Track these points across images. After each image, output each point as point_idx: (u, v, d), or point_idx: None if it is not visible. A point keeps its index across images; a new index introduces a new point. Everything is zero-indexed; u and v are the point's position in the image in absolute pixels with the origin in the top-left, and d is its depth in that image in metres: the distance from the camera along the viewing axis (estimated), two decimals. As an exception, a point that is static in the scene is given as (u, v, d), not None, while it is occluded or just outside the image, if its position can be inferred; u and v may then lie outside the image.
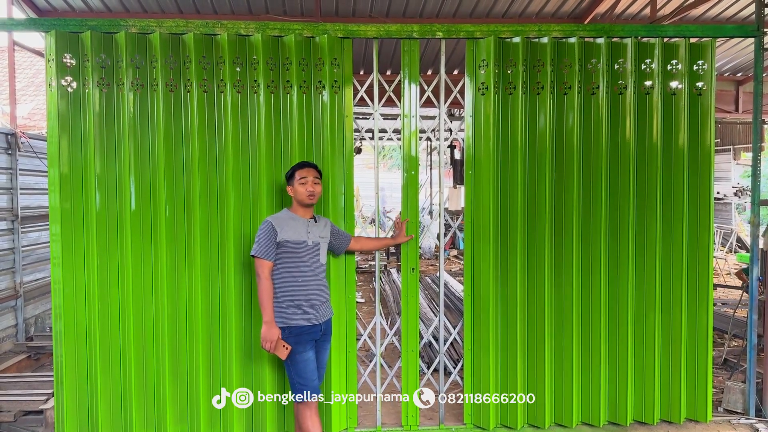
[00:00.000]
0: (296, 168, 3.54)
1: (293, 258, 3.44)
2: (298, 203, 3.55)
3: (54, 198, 3.79)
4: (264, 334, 3.35)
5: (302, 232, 3.48)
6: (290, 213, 3.55)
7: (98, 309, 3.83)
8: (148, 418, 3.93)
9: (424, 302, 7.56)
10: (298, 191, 3.51)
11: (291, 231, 3.44)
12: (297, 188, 3.51)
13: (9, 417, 4.18)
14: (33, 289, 6.57)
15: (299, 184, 3.51)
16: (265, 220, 3.47)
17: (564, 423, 4.12)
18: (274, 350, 3.34)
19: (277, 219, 3.47)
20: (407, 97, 4.03)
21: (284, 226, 3.44)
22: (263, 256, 3.37)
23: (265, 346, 3.35)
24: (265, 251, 3.38)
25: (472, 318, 4.10)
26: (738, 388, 4.36)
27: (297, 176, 3.51)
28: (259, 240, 3.40)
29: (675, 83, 4.08)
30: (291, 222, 3.48)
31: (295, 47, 3.86)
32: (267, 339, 3.34)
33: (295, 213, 3.55)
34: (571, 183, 4.03)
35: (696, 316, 4.13)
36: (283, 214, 3.54)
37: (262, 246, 3.38)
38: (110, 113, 3.83)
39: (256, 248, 3.39)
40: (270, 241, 3.39)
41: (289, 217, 3.51)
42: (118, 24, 3.80)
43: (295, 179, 3.51)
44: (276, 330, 3.35)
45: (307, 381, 3.42)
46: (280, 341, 3.36)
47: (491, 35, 3.95)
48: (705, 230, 4.10)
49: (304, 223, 3.52)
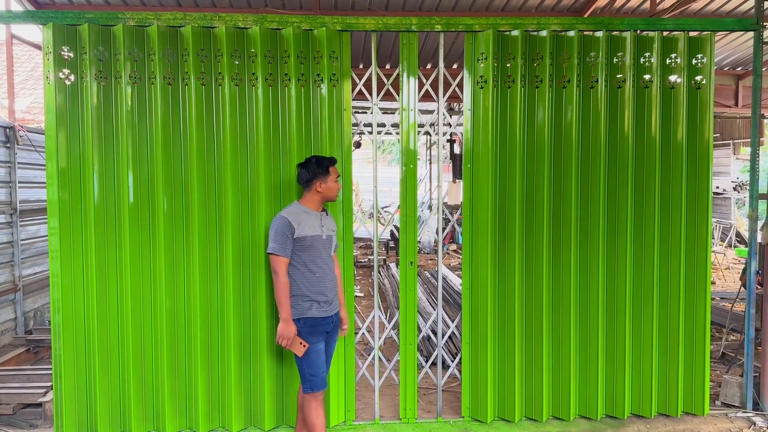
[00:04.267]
0: (330, 163, 3.48)
1: (311, 253, 3.42)
2: (322, 199, 3.50)
3: (52, 191, 3.79)
4: (282, 331, 3.34)
5: (317, 226, 3.46)
6: (303, 207, 3.48)
7: (97, 302, 3.83)
8: (147, 411, 3.94)
9: (422, 296, 7.57)
10: (331, 188, 3.48)
11: (307, 226, 3.41)
12: (331, 185, 3.47)
13: (8, 410, 4.19)
14: (32, 282, 6.57)
15: (334, 181, 3.48)
16: (280, 216, 3.41)
17: (562, 416, 4.13)
18: (290, 346, 3.35)
19: (293, 214, 3.41)
20: (406, 91, 4.03)
21: (301, 222, 3.39)
22: (280, 253, 3.35)
23: (282, 342, 3.35)
24: (282, 248, 3.34)
25: (471, 312, 4.10)
26: (735, 382, 4.38)
27: (333, 173, 3.48)
28: (276, 237, 3.35)
29: (674, 77, 4.07)
30: (306, 216, 3.44)
31: (293, 40, 3.85)
32: (284, 336, 3.33)
33: (308, 206, 3.49)
34: (569, 177, 4.03)
35: (694, 309, 4.14)
36: (296, 209, 3.47)
37: (278, 243, 3.34)
38: (108, 106, 3.82)
39: (273, 245, 3.35)
40: (287, 238, 3.35)
41: (303, 212, 3.45)
42: (116, 17, 3.79)
43: (331, 176, 3.47)
44: (293, 327, 3.35)
45: (319, 373, 3.43)
46: (297, 338, 3.37)
47: (490, 28, 3.94)
48: (703, 224, 4.10)
49: (317, 216, 3.49)
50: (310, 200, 3.49)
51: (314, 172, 3.46)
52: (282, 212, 3.46)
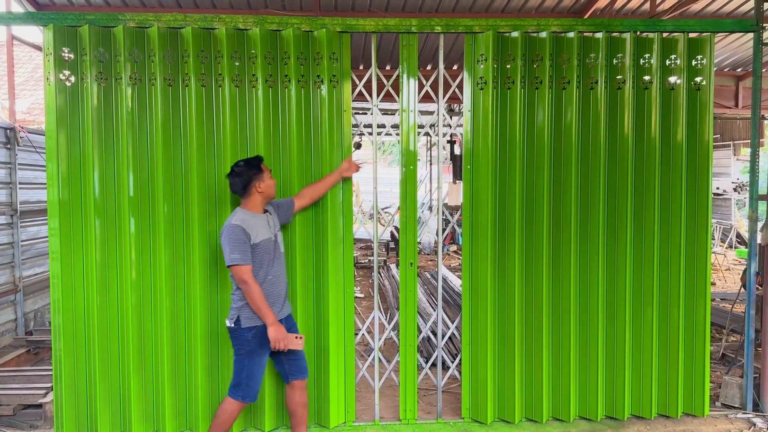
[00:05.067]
0: (259, 162, 3.43)
1: (265, 258, 3.39)
2: (263, 199, 3.45)
3: (52, 192, 3.79)
4: (274, 336, 3.29)
5: (266, 229, 3.41)
6: (250, 213, 3.40)
7: (97, 303, 3.83)
8: (147, 412, 3.94)
9: (423, 297, 7.57)
10: (270, 185, 3.45)
11: (260, 231, 3.35)
12: (269, 182, 3.44)
13: (8, 410, 4.19)
14: (32, 283, 6.57)
15: (269, 178, 3.45)
16: (232, 225, 3.30)
17: (561, 417, 4.13)
18: (289, 346, 3.33)
19: (244, 222, 3.32)
20: (406, 92, 4.03)
21: (254, 228, 3.33)
22: (243, 262, 3.26)
23: (279, 346, 3.32)
24: (243, 256, 3.25)
25: (471, 313, 4.10)
26: (735, 383, 4.38)
27: (265, 170, 3.43)
28: (234, 246, 3.25)
29: (674, 78, 4.07)
30: (255, 222, 3.37)
31: (293, 41, 3.86)
32: (278, 339, 3.30)
33: (253, 211, 3.42)
34: (569, 178, 4.03)
35: (694, 310, 4.14)
36: (243, 216, 3.37)
37: (239, 252, 3.25)
38: (108, 107, 3.82)
39: (234, 256, 3.24)
40: (245, 245, 3.26)
41: (251, 217, 3.37)
42: (116, 18, 3.79)
43: (265, 173, 3.42)
44: (282, 327, 3.33)
45: (255, 385, 3.41)
46: (290, 335, 3.36)
47: (490, 30, 3.95)
48: (703, 225, 4.10)
49: (264, 219, 3.44)
50: (253, 204, 3.42)
51: (249, 176, 3.39)
52: (231, 221, 3.34)
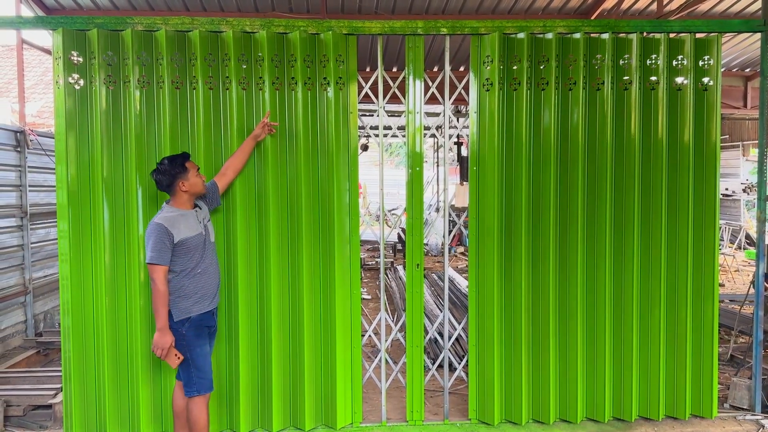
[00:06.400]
0: (184, 160, 3.41)
1: (194, 254, 3.38)
2: (191, 195, 3.44)
3: (62, 195, 3.82)
4: (157, 341, 3.30)
5: (195, 225, 3.41)
6: (177, 210, 3.39)
7: (106, 304, 3.86)
8: (155, 413, 3.96)
9: (429, 298, 7.57)
10: (196, 183, 3.43)
11: (186, 229, 3.35)
12: (194, 180, 3.41)
13: (18, 411, 4.23)
14: (42, 285, 6.63)
15: (195, 176, 3.43)
16: (156, 223, 3.30)
17: (569, 419, 4.12)
18: (165, 357, 3.32)
19: (168, 220, 3.31)
20: (412, 93, 4.04)
21: (178, 227, 3.32)
22: (159, 262, 3.26)
23: (157, 352, 3.31)
24: (160, 256, 3.25)
25: (477, 314, 4.10)
26: (744, 385, 4.35)
27: (191, 167, 3.42)
28: (154, 245, 3.25)
29: (681, 79, 4.06)
30: (182, 219, 3.36)
31: (299, 44, 3.88)
32: (160, 346, 3.29)
33: (182, 208, 3.41)
34: (575, 179, 4.02)
35: (701, 312, 4.12)
36: (169, 213, 3.36)
37: (156, 251, 3.25)
38: (117, 110, 3.85)
39: (151, 254, 3.25)
40: (164, 245, 3.26)
41: (178, 215, 3.36)
42: (125, 21, 3.83)
43: (191, 171, 3.41)
44: (170, 337, 3.31)
45: (206, 375, 3.45)
46: (173, 349, 3.34)
47: (496, 31, 3.95)
48: (710, 226, 4.08)
49: (193, 215, 3.44)
50: (180, 201, 3.42)
51: (172, 174, 3.37)
52: (156, 218, 3.35)
